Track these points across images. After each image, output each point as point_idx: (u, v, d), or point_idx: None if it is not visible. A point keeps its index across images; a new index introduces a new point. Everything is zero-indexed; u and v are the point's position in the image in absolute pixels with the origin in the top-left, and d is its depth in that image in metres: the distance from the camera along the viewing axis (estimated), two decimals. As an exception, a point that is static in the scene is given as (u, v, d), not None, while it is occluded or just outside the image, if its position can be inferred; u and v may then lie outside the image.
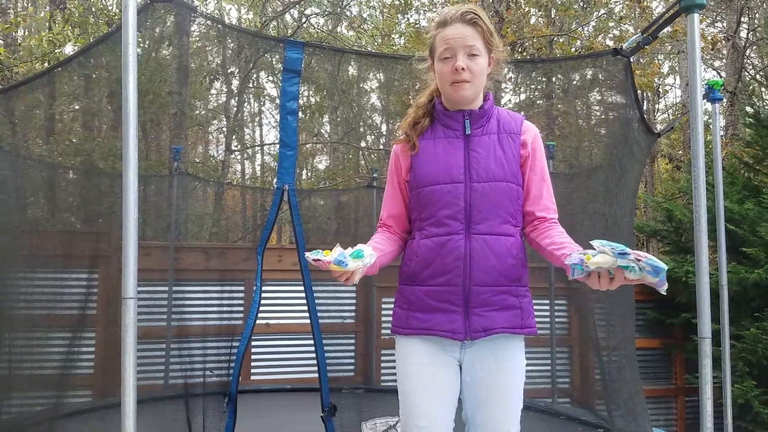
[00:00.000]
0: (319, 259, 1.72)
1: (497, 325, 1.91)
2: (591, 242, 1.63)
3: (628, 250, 1.56)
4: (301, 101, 3.19)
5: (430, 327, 1.93)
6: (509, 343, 1.95)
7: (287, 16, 12.56)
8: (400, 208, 2.09)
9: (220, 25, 4.32)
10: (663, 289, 1.58)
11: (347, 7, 12.11)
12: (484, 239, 1.89)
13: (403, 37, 11.70)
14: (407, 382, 1.97)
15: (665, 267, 1.53)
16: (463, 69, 1.89)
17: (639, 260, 1.54)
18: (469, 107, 1.99)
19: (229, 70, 10.40)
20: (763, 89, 8.56)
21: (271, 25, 11.86)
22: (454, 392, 1.96)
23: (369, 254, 1.78)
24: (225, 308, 5.07)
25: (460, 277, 1.89)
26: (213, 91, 11.28)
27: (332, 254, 1.73)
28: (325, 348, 3.12)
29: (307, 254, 1.73)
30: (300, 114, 3.37)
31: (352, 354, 5.92)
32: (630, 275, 1.57)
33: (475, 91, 1.96)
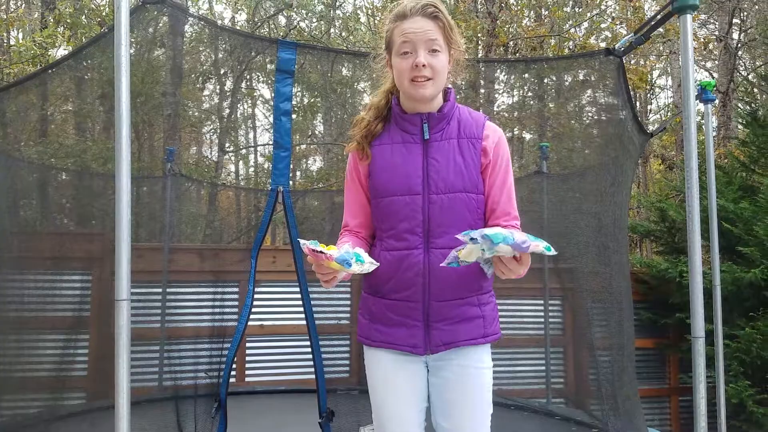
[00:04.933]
0: (320, 251, 1.60)
1: (459, 338, 1.88)
2: (456, 236, 1.63)
3: (474, 233, 1.57)
4: (294, 102, 3.18)
5: (391, 341, 1.91)
6: (476, 345, 1.92)
7: (280, 18, 12.54)
8: (366, 214, 1.99)
9: (212, 27, 4.31)
10: (536, 249, 1.57)
11: (338, 8, 12.10)
12: (443, 253, 1.80)
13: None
14: (377, 388, 1.96)
15: (489, 233, 1.54)
16: (424, 65, 1.79)
17: (484, 236, 1.56)
18: (427, 109, 1.89)
19: (221, 71, 10.38)
20: (756, 89, 8.60)
21: (264, 26, 11.84)
22: (422, 395, 1.95)
23: (369, 262, 1.69)
24: (218, 310, 5.06)
25: (419, 293, 1.86)
26: (206, 92, 11.26)
27: (337, 251, 1.63)
28: (321, 349, 3.11)
29: (303, 242, 1.61)
30: (293, 115, 3.36)
31: (347, 355, 5.91)
32: (486, 254, 1.59)
33: (436, 90, 1.85)
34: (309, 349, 3.10)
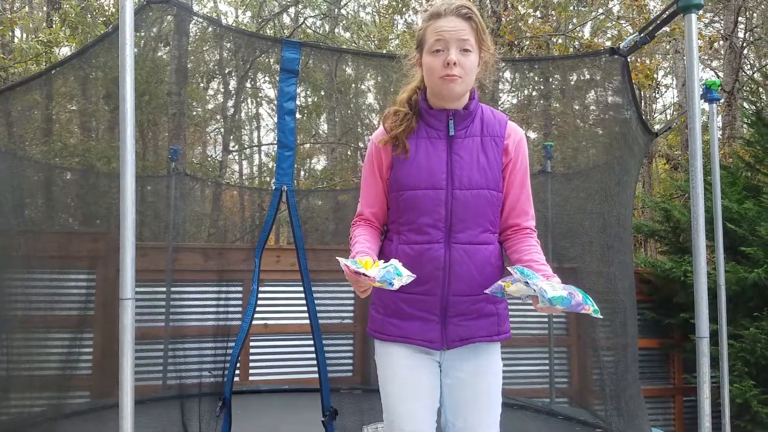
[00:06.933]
0: (363, 274, 1.58)
1: (475, 335, 1.90)
2: (508, 268, 1.67)
3: (534, 280, 1.59)
4: (298, 101, 3.17)
5: (406, 335, 1.91)
6: (488, 345, 1.94)
7: (285, 17, 12.55)
8: (382, 204, 2.00)
9: (217, 26, 4.31)
10: (587, 311, 1.61)
11: (344, 7, 12.10)
12: (464, 249, 1.85)
13: (399, 38, 11.70)
14: (389, 385, 1.94)
15: (551, 296, 1.56)
16: (455, 63, 1.81)
17: (541, 287, 1.58)
18: (453, 106, 1.92)
19: (226, 71, 10.39)
20: (761, 89, 8.57)
21: (269, 26, 11.85)
22: (435, 394, 1.95)
23: (407, 274, 1.65)
24: (222, 309, 5.07)
25: (438, 288, 1.86)
26: (210, 92, 11.27)
27: (377, 270, 1.59)
28: (324, 348, 3.11)
29: (343, 261, 1.61)
30: (297, 114, 3.35)
31: (351, 354, 5.91)
32: (539, 304, 1.61)
33: (465, 88, 1.88)
34: (313, 348, 3.10)
